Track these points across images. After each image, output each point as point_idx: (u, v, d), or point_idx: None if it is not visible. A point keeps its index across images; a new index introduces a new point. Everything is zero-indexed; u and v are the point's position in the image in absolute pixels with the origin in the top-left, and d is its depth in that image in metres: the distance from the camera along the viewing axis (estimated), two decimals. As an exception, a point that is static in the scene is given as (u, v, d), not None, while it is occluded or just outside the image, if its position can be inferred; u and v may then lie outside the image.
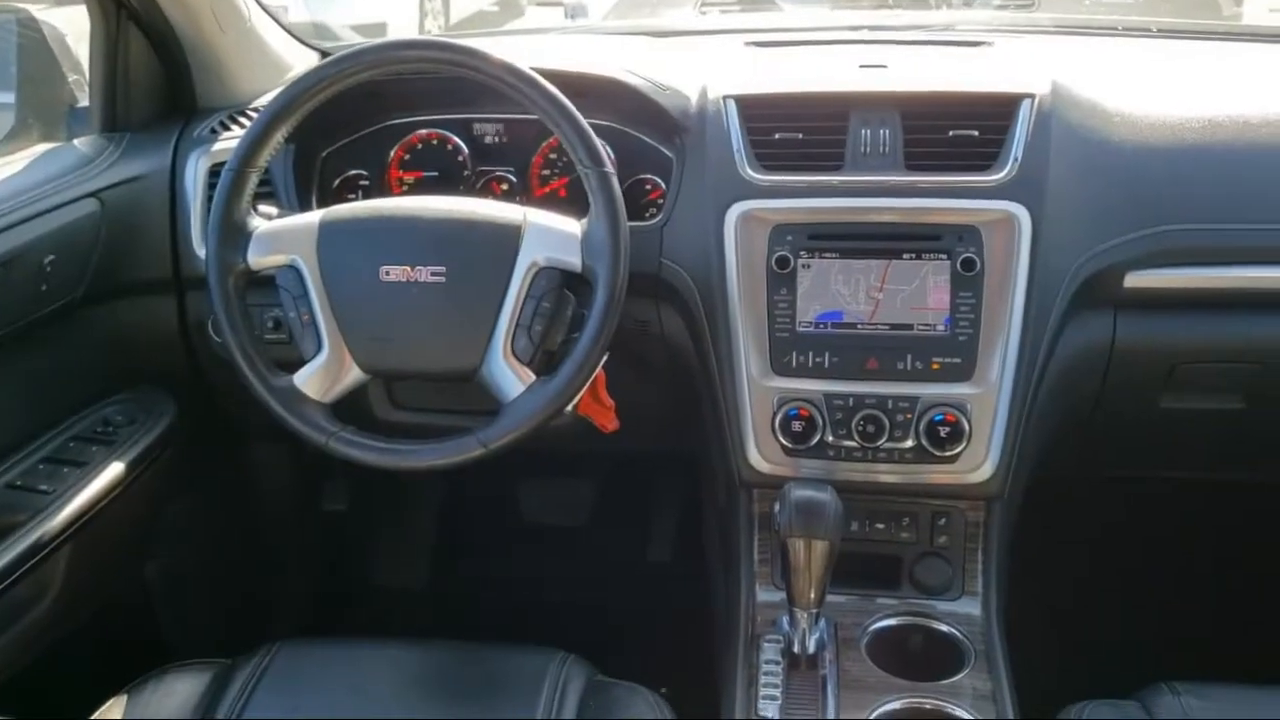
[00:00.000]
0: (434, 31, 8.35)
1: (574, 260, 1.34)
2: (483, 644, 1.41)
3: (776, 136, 1.51)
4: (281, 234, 1.40)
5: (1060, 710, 1.32)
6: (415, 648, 1.41)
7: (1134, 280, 1.47)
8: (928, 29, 2.06)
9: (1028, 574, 1.64)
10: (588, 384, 1.36)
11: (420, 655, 1.40)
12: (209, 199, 1.60)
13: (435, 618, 2.30)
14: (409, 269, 1.34)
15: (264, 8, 1.85)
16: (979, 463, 1.41)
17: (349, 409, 1.42)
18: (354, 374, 1.38)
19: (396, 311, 1.36)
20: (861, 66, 1.66)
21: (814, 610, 1.32)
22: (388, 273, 1.35)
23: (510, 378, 1.33)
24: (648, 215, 1.58)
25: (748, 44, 1.87)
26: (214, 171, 1.63)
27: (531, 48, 1.96)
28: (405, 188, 1.71)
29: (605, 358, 1.38)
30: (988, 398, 1.41)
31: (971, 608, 1.45)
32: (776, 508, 1.30)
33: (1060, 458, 1.63)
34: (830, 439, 1.43)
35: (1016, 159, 1.44)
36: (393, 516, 2.39)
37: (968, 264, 1.42)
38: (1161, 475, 1.91)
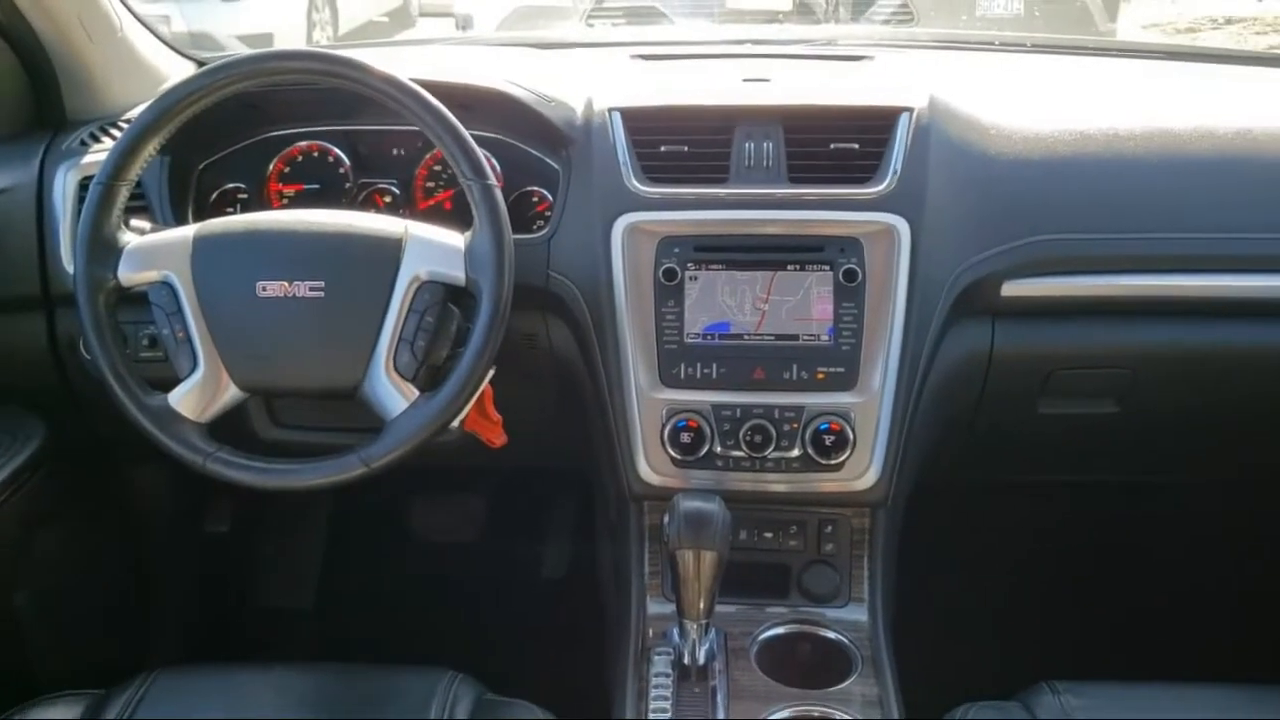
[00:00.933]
0: (322, 42, 8.22)
1: (457, 274, 1.33)
2: (370, 664, 1.38)
3: (662, 149, 1.52)
4: (154, 249, 1.35)
5: (945, 712, 1.34)
6: (299, 670, 1.38)
7: (1010, 289, 1.51)
8: (811, 43, 2.09)
9: (916, 578, 1.67)
10: (473, 400, 1.34)
11: (304, 678, 1.37)
12: (79, 213, 1.54)
13: (324, 639, 2.24)
14: (286, 284, 1.31)
15: (137, 17, 1.79)
16: (863, 470, 1.43)
17: (230, 428, 1.39)
18: (232, 392, 1.35)
19: (274, 327, 1.32)
20: (745, 80, 1.67)
21: (704, 621, 1.32)
22: (264, 288, 1.32)
23: (393, 394, 1.31)
24: (535, 228, 1.57)
25: (634, 56, 1.87)
26: (84, 185, 1.58)
27: (415, 59, 1.93)
28: (285, 201, 1.67)
29: (492, 372, 1.36)
30: (870, 406, 1.43)
31: (859, 614, 1.47)
32: (665, 519, 1.30)
33: (943, 464, 1.67)
34: (719, 450, 1.44)
35: (896, 171, 1.47)
36: (279, 536, 2.33)
37: (850, 275, 1.44)
38: (1042, 479, 1.96)
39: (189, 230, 1.36)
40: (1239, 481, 2.08)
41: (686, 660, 1.34)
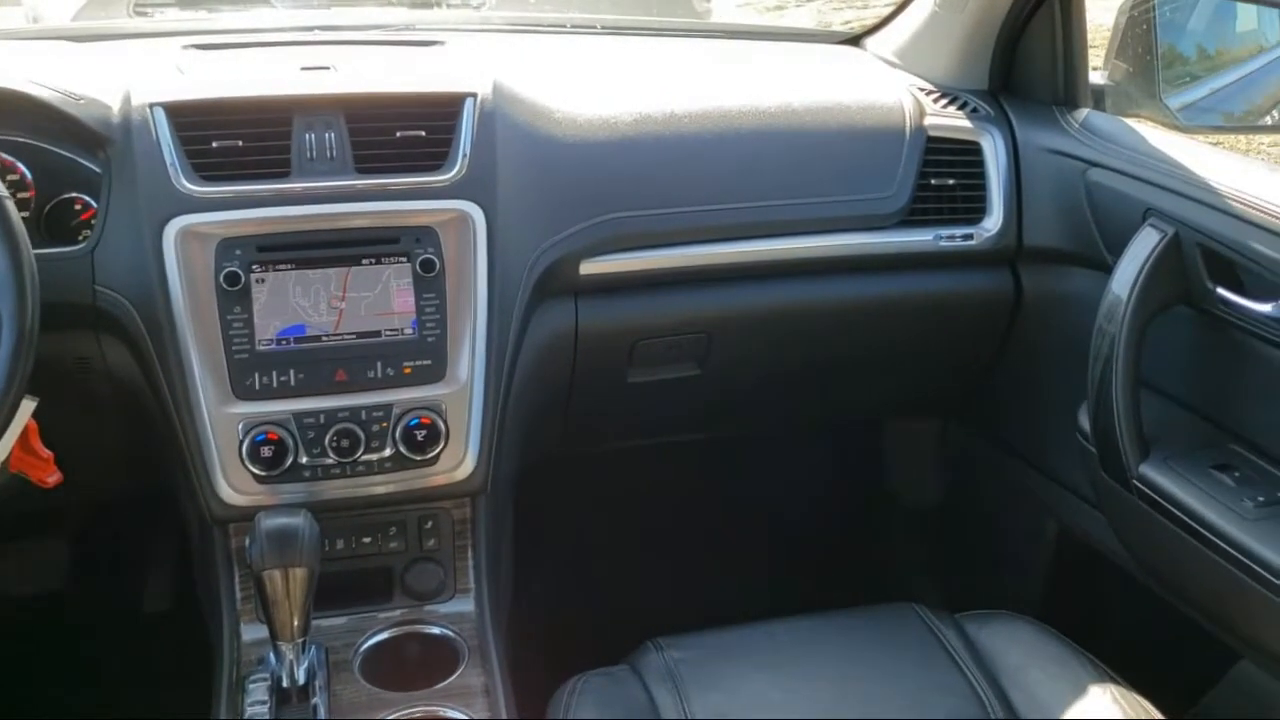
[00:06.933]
0: None
1: None
2: None
3: (214, 145, 1.42)
4: None
5: (557, 687, 1.36)
6: None
7: (588, 267, 1.55)
8: (384, 29, 2.03)
9: (528, 559, 1.68)
10: (7, 437, 1.20)
11: None
12: None
13: None
14: None
15: None
16: (459, 461, 1.42)
17: None
18: None
19: None
20: (303, 69, 1.60)
21: (300, 640, 1.26)
22: None
23: None
24: (81, 238, 1.43)
25: (187, 47, 1.74)
26: None
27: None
28: None
29: (34, 405, 1.23)
30: (461, 396, 1.42)
31: (465, 605, 1.46)
32: (248, 541, 1.23)
33: (545, 442, 1.69)
34: (305, 460, 1.37)
35: (465, 156, 1.46)
36: None
37: (427, 265, 1.41)
38: (640, 444, 2.03)
39: None
40: (816, 432, 2.26)
41: (285, 683, 1.27)
